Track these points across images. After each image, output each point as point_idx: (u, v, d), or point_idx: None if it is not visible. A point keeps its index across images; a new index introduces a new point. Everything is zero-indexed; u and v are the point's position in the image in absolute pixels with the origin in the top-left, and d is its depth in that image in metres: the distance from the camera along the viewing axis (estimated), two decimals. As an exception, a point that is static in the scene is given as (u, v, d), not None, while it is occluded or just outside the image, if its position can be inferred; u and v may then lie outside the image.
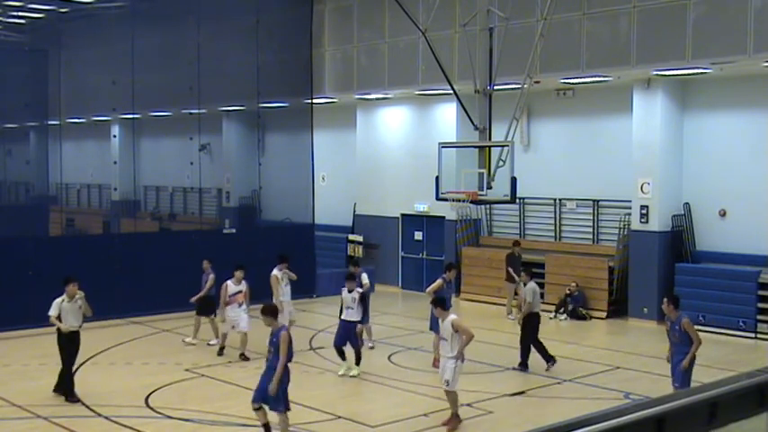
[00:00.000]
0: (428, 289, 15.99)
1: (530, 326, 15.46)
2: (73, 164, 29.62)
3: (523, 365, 15.47)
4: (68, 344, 13.41)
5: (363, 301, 15.38)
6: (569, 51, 19.34)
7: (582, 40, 19.16)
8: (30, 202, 31.84)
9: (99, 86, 27.83)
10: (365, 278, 16.91)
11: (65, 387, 13.48)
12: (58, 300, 13.45)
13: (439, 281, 15.86)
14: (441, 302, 12.62)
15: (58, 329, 13.41)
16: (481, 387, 14.30)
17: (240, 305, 16.37)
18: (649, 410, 3.75)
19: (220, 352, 16.56)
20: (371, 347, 17.21)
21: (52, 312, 13.35)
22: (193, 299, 17.68)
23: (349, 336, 15.03)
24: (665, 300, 12.31)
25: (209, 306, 17.64)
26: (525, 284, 15.76)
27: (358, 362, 15.07)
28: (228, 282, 16.47)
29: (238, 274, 16.50)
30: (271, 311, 11.43)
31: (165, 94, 27.14)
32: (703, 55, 17.36)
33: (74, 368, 13.80)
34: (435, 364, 15.09)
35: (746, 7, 16.66)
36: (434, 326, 15.42)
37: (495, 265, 22.80)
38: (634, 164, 20.08)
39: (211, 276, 17.61)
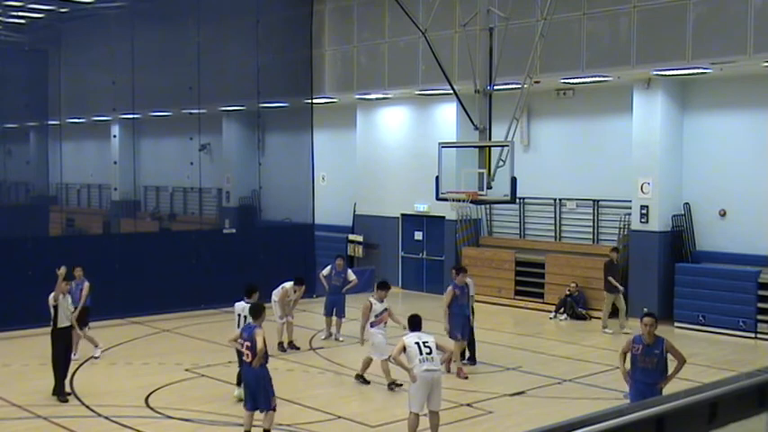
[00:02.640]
0: (444, 303, 15.21)
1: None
2: (73, 164, 29.63)
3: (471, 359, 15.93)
4: (62, 340, 13.66)
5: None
6: (569, 51, 19.34)
7: (582, 40, 19.17)
8: (30, 202, 31.82)
9: (99, 86, 27.81)
10: (351, 274, 18.29)
11: (60, 386, 13.59)
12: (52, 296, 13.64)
13: (450, 290, 15.20)
14: (411, 321, 11.79)
15: (54, 326, 13.56)
16: (481, 387, 14.31)
17: (385, 325, 14.63)
18: (649, 410, 3.74)
19: (362, 379, 14.56)
20: (341, 340, 17.95)
21: (52, 296, 13.53)
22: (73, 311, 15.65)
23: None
24: (652, 320, 10.69)
25: (85, 317, 16.06)
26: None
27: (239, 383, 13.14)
28: (371, 299, 14.62)
29: (381, 292, 14.63)
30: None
31: (165, 94, 27.13)
32: (703, 55, 17.36)
33: (69, 367, 13.91)
34: (460, 373, 14.81)
35: (746, 7, 16.67)
36: (455, 332, 15.02)
37: (495, 265, 22.82)
38: (634, 164, 20.08)
39: (86, 285, 15.97)
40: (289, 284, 17.08)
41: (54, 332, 13.62)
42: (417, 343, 11.25)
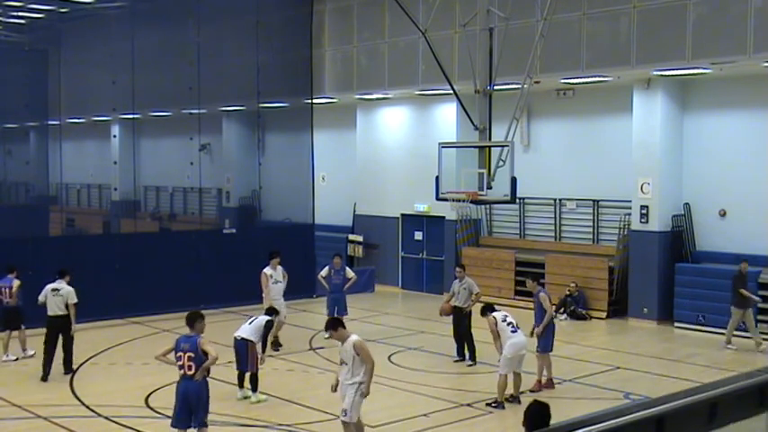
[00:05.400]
0: (541, 326, 14.26)
1: (467, 319, 16.14)
2: (73, 164, 29.63)
3: (471, 358, 16.04)
4: (50, 327, 14.95)
5: (266, 329, 13.66)
6: (569, 51, 19.34)
7: (582, 40, 19.16)
8: (30, 202, 31.83)
9: (99, 86, 27.82)
10: (350, 271, 18.42)
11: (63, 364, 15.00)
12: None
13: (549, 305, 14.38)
14: (334, 322, 10.83)
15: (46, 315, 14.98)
16: (481, 387, 14.31)
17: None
18: (649, 410, 3.75)
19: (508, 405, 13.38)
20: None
21: (40, 298, 15.05)
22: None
23: (241, 357, 13.47)
24: None
25: (18, 318, 16.10)
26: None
27: (254, 388, 13.43)
28: (495, 316, 13.63)
29: (504, 319, 13.60)
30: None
31: (165, 94, 27.14)
32: (703, 55, 17.36)
33: (54, 352, 14.92)
34: (550, 384, 14.16)
35: (746, 7, 16.67)
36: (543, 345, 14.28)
37: (495, 265, 22.83)
38: (634, 164, 20.08)
39: (16, 283, 15.99)
40: (265, 269, 17.20)
41: (46, 320, 14.97)
42: None
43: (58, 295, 14.91)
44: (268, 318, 13.83)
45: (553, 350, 14.42)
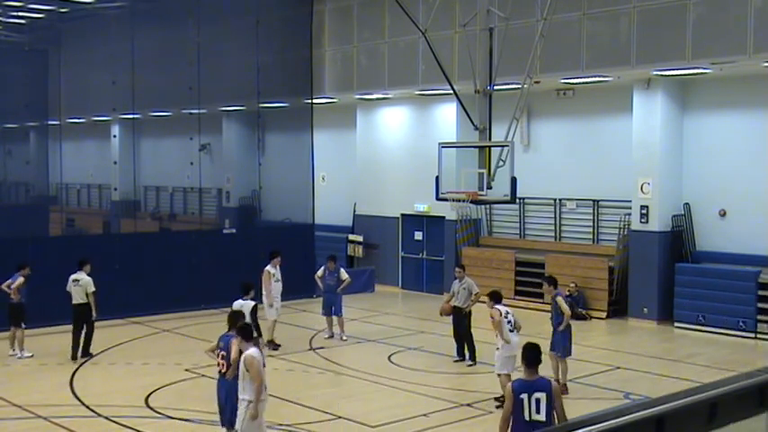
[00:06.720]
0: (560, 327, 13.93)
1: (467, 319, 16.12)
2: (73, 164, 29.66)
3: (471, 358, 16.06)
4: (74, 314, 16.19)
5: (254, 314, 13.72)
6: (569, 51, 19.34)
7: (582, 40, 19.17)
8: (30, 202, 31.87)
9: (99, 86, 27.85)
10: (344, 273, 18.32)
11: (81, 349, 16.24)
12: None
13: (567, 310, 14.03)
14: (241, 330, 10.19)
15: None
16: (481, 387, 14.31)
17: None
18: (649, 410, 3.75)
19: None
20: (344, 339, 18.11)
21: (67, 288, 16.25)
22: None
23: None
24: None
25: (20, 315, 16.23)
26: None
27: None
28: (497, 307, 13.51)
29: (505, 316, 13.48)
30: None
31: (165, 94, 27.15)
32: (703, 55, 17.36)
33: (80, 336, 16.18)
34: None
35: (746, 7, 16.67)
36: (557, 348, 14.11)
37: (495, 265, 22.83)
38: (634, 164, 20.08)
39: (19, 280, 16.11)
40: (267, 267, 17.37)
41: (71, 308, 16.20)
42: None
43: (78, 285, 16.10)
44: (252, 303, 13.95)
45: (571, 354, 14.20)
